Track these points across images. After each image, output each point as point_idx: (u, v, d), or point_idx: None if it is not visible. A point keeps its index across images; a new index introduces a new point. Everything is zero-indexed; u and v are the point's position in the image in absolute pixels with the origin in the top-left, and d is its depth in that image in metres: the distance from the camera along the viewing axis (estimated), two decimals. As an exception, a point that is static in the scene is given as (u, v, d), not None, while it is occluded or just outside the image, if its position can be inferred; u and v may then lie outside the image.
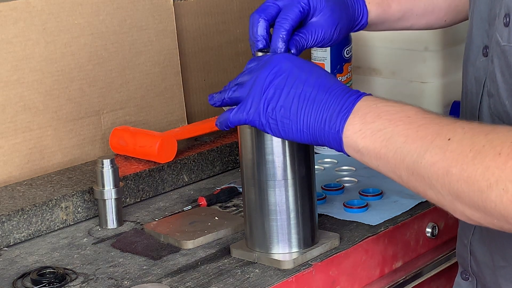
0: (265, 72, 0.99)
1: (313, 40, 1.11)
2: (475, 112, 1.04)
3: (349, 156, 0.94)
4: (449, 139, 0.84)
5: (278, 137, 0.99)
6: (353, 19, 1.17)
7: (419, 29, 1.29)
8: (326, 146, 0.96)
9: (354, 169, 1.52)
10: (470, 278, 1.13)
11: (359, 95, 0.94)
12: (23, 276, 1.14)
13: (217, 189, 1.42)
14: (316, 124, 0.95)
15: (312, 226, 1.15)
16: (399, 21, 1.23)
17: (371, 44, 1.74)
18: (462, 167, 0.82)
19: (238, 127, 1.12)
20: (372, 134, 0.90)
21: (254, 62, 1.04)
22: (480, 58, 1.03)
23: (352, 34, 1.59)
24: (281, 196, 1.11)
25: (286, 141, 1.10)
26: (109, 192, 1.30)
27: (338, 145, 0.94)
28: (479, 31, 1.04)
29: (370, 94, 0.95)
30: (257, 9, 1.10)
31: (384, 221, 1.27)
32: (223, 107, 1.21)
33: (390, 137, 0.89)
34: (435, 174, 0.84)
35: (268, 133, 0.99)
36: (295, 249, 1.13)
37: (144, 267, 1.16)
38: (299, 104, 0.96)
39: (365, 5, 1.18)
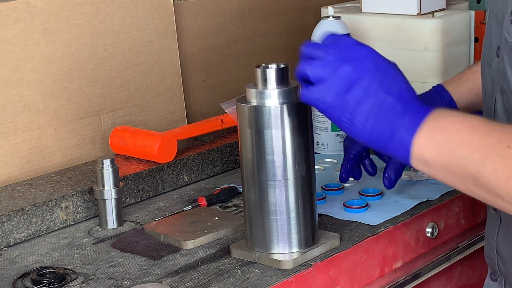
0: (348, 68, 0.96)
1: None
2: (491, 111, 1.06)
3: (416, 170, 0.97)
4: (508, 147, 0.87)
5: (348, 134, 0.98)
6: None
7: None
8: (391, 155, 0.96)
9: (354, 169, 1.52)
10: (498, 279, 1.13)
11: (428, 109, 0.94)
12: (23, 276, 1.14)
13: (217, 189, 1.42)
14: (384, 134, 0.95)
15: (312, 226, 1.15)
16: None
17: (371, 44, 1.72)
18: None
19: (238, 127, 1.12)
20: (437, 146, 0.92)
21: (333, 43, 1.00)
22: (495, 59, 1.05)
23: (352, 34, 1.59)
24: (281, 196, 1.11)
25: (286, 141, 1.10)
26: (109, 192, 1.30)
27: (405, 158, 0.94)
28: (495, 33, 1.06)
29: (438, 108, 0.96)
30: None
31: (384, 221, 1.27)
32: (225, 109, 1.21)
33: (454, 148, 0.91)
34: (497, 181, 0.87)
35: (340, 129, 0.99)
36: (295, 249, 1.13)
37: (144, 267, 1.16)
38: (373, 112, 0.95)
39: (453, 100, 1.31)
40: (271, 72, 1.09)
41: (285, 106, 1.08)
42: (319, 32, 1.56)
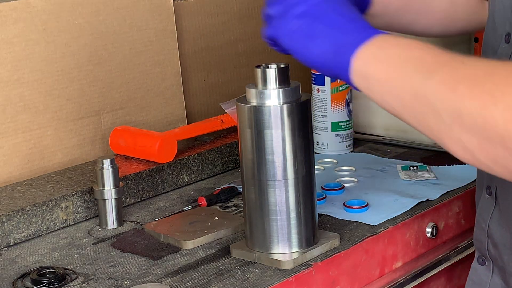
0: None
1: None
2: None
3: (356, 89, 0.92)
4: (463, 62, 0.82)
5: (296, 55, 0.98)
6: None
7: (417, 32, 1.28)
8: (335, 73, 0.94)
9: (354, 169, 1.52)
10: (486, 263, 1.13)
11: (381, 31, 0.93)
12: (23, 276, 1.14)
13: (217, 189, 1.42)
14: (333, 47, 0.93)
15: (312, 226, 1.15)
16: (398, 13, 1.23)
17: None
18: (472, 84, 0.79)
19: (238, 127, 1.12)
20: (386, 57, 0.88)
21: None
22: (503, 45, 1.04)
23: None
24: (281, 196, 1.11)
25: (286, 141, 1.10)
26: (109, 192, 1.30)
27: (346, 70, 0.91)
28: (502, 19, 1.05)
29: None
30: None
31: (384, 221, 1.27)
32: (226, 109, 1.21)
33: (404, 60, 0.87)
34: (441, 92, 0.81)
35: (289, 50, 0.98)
36: (295, 249, 1.14)
37: (144, 267, 1.16)
38: (324, 26, 0.95)
39: None
40: (271, 72, 1.10)
41: (285, 106, 1.08)
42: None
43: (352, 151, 1.65)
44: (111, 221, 1.31)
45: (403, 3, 1.23)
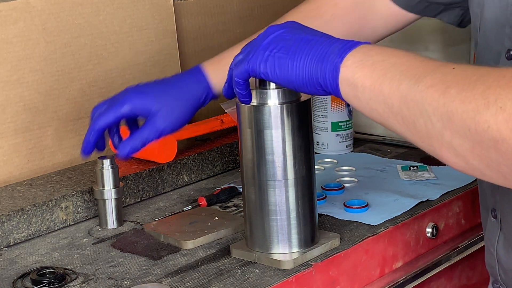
0: (267, 28, 0.98)
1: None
2: None
3: (343, 100, 0.90)
4: (453, 68, 0.80)
5: (274, 79, 0.96)
6: (198, 101, 1.26)
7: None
8: (321, 87, 0.92)
9: (354, 169, 1.52)
10: (501, 287, 1.12)
11: (363, 42, 0.92)
12: (23, 276, 1.14)
13: (217, 189, 1.42)
14: (315, 60, 0.91)
15: (312, 226, 1.15)
16: None
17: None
18: (461, 87, 0.76)
19: (238, 127, 1.12)
20: (372, 64, 0.86)
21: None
22: (504, 62, 1.02)
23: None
24: (281, 196, 1.11)
25: (286, 141, 1.10)
26: (109, 192, 1.30)
27: (334, 80, 0.89)
28: (497, 36, 1.03)
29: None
30: None
31: (384, 221, 1.27)
32: (227, 109, 1.21)
33: (391, 66, 0.84)
34: (430, 96, 0.78)
35: (266, 78, 0.96)
36: (295, 249, 1.13)
37: (144, 267, 1.16)
38: (300, 45, 0.93)
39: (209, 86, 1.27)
40: (271, 72, 1.09)
41: (285, 106, 1.08)
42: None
43: (352, 151, 1.65)
44: (111, 221, 1.31)
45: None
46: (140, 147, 1.21)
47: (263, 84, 1.09)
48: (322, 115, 1.62)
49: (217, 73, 1.27)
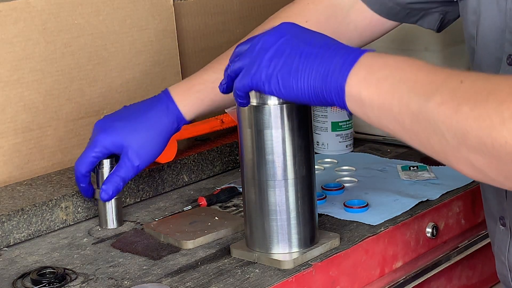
0: (265, 37, 0.96)
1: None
2: None
3: (350, 114, 0.90)
4: (461, 82, 0.78)
5: (280, 96, 0.96)
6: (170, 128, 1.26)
7: None
8: (327, 103, 0.91)
9: (354, 169, 1.52)
10: None
11: (363, 50, 0.90)
12: (23, 276, 1.14)
13: (217, 189, 1.42)
14: (318, 77, 0.90)
15: (312, 226, 1.15)
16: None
17: (372, 44, 1.74)
18: (474, 104, 0.75)
19: (238, 127, 1.12)
20: (377, 81, 0.85)
21: (247, 42, 1.01)
22: (505, 67, 1.02)
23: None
24: (281, 196, 1.11)
25: (286, 141, 1.10)
26: (109, 192, 1.30)
27: (340, 98, 0.89)
28: (496, 42, 1.03)
29: (374, 50, 0.91)
30: None
31: (384, 221, 1.27)
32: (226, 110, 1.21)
33: (397, 82, 0.83)
34: (443, 114, 0.78)
35: (272, 95, 0.96)
36: (295, 249, 1.13)
37: (144, 267, 1.16)
38: (301, 60, 0.92)
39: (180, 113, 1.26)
40: (271, 72, 1.09)
41: (285, 106, 1.08)
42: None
43: (352, 151, 1.65)
44: (111, 221, 1.31)
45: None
46: (123, 186, 1.25)
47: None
48: (322, 115, 1.62)
49: (187, 102, 1.27)
